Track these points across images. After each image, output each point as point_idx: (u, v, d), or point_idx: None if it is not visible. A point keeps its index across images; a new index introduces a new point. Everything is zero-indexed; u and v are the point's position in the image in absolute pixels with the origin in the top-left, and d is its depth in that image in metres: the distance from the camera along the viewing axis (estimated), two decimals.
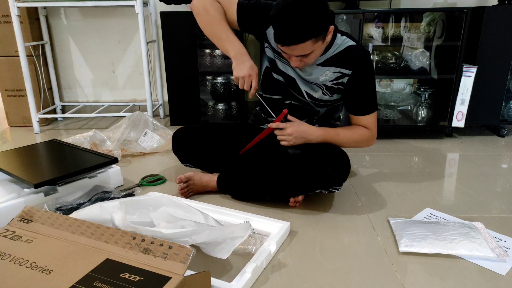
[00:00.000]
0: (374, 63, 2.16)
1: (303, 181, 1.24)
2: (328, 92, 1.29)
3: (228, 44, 1.25)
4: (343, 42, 1.25)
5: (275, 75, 1.34)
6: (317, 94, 1.30)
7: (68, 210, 1.24)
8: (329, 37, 1.16)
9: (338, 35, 1.25)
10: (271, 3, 1.24)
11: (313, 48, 1.12)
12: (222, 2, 1.30)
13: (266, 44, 1.33)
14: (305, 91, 1.32)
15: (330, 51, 1.24)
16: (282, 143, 1.27)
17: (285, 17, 1.06)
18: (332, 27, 1.14)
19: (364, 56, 1.24)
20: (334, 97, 1.31)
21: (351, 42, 1.25)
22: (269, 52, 1.33)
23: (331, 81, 1.27)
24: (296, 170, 1.24)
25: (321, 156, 1.23)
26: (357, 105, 1.30)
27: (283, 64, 1.31)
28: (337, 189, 1.26)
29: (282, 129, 1.25)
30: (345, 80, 1.26)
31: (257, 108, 1.53)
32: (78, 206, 1.27)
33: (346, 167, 1.24)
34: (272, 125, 1.26)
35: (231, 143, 1.44)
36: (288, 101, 1.36)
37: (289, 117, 1.27)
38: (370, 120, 1.32)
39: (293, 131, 1.24)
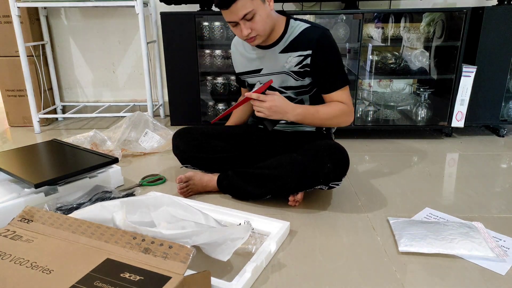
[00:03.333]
0: (374, 63, 2.16)
1: (302, 178, 1.24)
2: (299, 77, 1.32)
3: None
4: (297, 26, 1.30)
5: None
6: (290, 82, 1.34)
7: (68, 210, 1.25)
8: (271, 4, 1.23)
9: (291, 20, 1.32)
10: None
11: (253, 6, 1.17)
12: None
13: (240, 77, 1.49)
14: (280, 87, 1.36)
15: (286, 37, 1.30)
16: (258, 113, 1.26)
17: None
18: None
19: (321, 34, 1.27)
20: (307, 81, 1.33)
21: (306, 25, 1.30)
22: (244, 79, 1.47)
23: (296, 65, 1.30)
24: (295, 167, 1.24)
25: (320, 152, 1.23)
26: (325, 83, 1.31)
27: (252, 78, 1.41)
28: (337, 185, 1.26)
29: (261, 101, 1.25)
30: (308, 61, 1.29)
31: None
32: (78, 206, 1.27)
33: (345, 162, 1.24)
34: (252, 95, 1.24)
35: (230, 144, 1.44)
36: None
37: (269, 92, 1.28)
38: (343, 95, 1.31)
39: (271, 105, 1.23)
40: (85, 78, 2.61)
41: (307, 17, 2.10)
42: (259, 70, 1.38)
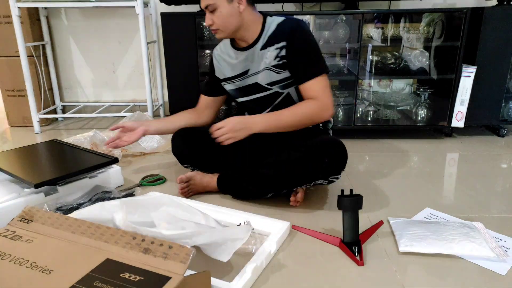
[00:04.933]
0: (374, 63, 2.16)
1: (301, 174, 1.23)
2: (280, 70, 1.32)
3: None
4: (273, 21, 1.31)
5: (242, 99, 1.45)
6: (273, 77, 1.33)
7: (68, 210, 1.25)
8: (241, 7, 1.25)
9: (268, 17, 1.33)
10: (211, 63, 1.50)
11: (215, 1, 1.22)
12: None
13: (223, 83, 1.47)
14: (266, 84, 1.36)
15: (264, 34, 1.31)
16: (226, 142, 1.27)
17: None
18: None
19: (294, 25, 1.28)
20: (287, 73, 1.32)
21: (281, 18, 1.31)
22: (228, 86, 1.46)
23: (275, 59, 1.30)
24: (293, 163, 1.23)
25: (317, 147, 1.23)
26: (299, 71, 1.29)
27: (241, 81, 1.40)
28: (337, 178, 1.26)
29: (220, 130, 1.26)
30: (284, 52, 1.29)
31: None
32: (78, 206, 1.27)
33: (342, 155, 1.24)
34: (212, 128, 1.27)
35: (230, 144, 1.44)
36: (268, 109, 1.41)
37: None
38: (317, 87, 1.27)
39: (230, 126, 1.25)
40: (85, 78, 2.61)
41: (307, 17, 2.10)
42: (246, 72, 1.38)
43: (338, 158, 1.23)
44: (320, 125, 1.45)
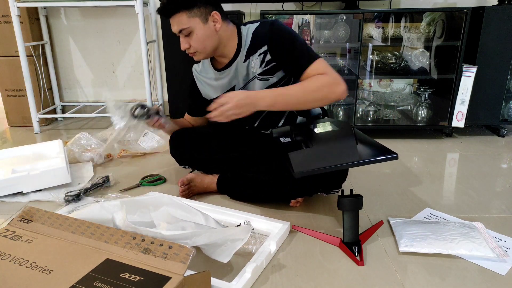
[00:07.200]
0: (374, 62, 2.16)
1: (301, 185, 1.23)
2: (268, 76, 1.26)
3: None
4: (248, 30, 1.25)
5: None
6: (261, 86, 1.28)
7: (76, 196, 1.35)
8: (217, 26, 1.19)
9: (242, 27, 1.27)
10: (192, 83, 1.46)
11: (190, 24, 1.16)
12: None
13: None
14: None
15: (242, 46, 1.26)
16: (228, 119, 1.15)
17: None
18: (215, 13, 1.18)
19: (269, 26, 1.22)
20: (279, 75, 1.26)
21: (254, 25, 1.25)
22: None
23: (260, 66, 1.25)
24: (293, 178, 1.22)
25: None
26: (294, 66, 1.21)
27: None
28: (336, 191, 1.26)
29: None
30: (268, 56, 1.23)
31: None
32: (86, 191, 1.37)
33: (343, 171, 1.24)
34: (212, 106, 1.14)
35: (228, 144, 1.44)
36: (257, 121, 1.38)
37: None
38: (319, 66, 1.16)
39: (236, 102, 1.12)
40: (85, 78, 2.61)
41: (307, 16, 2.10)
42: (232, 88, 1.32)
43: (339, 172, 1.22)
44: None
